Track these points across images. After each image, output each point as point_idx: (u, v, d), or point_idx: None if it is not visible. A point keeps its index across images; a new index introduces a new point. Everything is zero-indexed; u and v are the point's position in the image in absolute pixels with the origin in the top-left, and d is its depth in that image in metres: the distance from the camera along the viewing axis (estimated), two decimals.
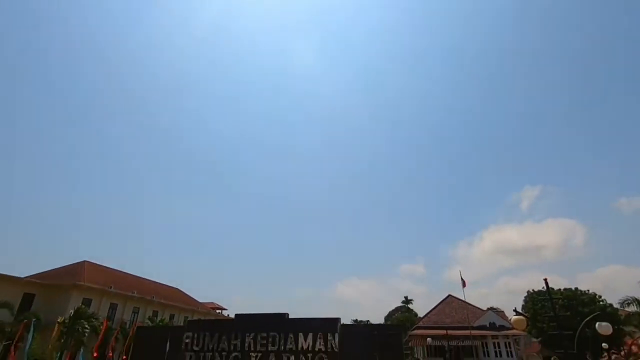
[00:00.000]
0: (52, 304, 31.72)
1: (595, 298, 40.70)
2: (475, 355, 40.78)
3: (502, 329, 42.90)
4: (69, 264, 39.55)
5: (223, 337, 6.75)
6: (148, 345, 7.23)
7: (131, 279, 44.82)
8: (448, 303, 49.15)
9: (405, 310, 75.95)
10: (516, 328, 8.34)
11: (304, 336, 6.48)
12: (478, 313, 46.22)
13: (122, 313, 38.49)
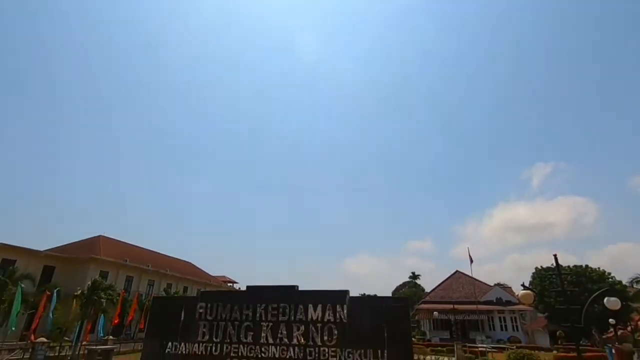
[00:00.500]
0: (71, 276, 33.08)
1: (604, 275, 40.68)
2: (481, 329, 41.52)
3: (509, 305, 43.44)
4: (85, 239, 40.86)
5: (235, 307, 6.95)
6: (164, 314, 7.49)
7: (145, 253, 46.19)
8: (455, 278, 49.71)
9: (412, 286, 77.24)
10: (523, 302, 8.44)
11: (313, 307, 6.63)
12: (485, 288, 46.75)
13: (137, 285, 39.96)
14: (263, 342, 6.56)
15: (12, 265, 29.02)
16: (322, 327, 6.41)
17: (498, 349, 28.12)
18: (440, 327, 43.53)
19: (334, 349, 6.23)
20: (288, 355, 6.36)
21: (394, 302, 6.53)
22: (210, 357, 6.66)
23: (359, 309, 6.42)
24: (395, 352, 5.99)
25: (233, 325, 6.81)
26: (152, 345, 7.22)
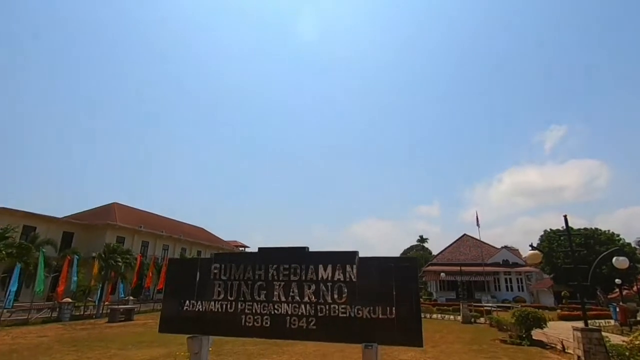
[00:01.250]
0: (89, 242, 34.41)
1: (614, 237, 40.76)
2: (487, 290, 42.60)
3: (515, 266, 44.19)
4: (99, 206, 41.99)
5: (248, 267, 7.16)
6: (180, 275, 7.77)
7: (159, 220, 47.47)
8: (463, 241, 50.36)
9: (420, 249, 78.70)
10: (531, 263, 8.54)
11: (323, 267, 6.80)
12: (492, 251, 47.39)
13: (153, 250, 41.46)
14: (275, 300, 6.83)
15: (33, 232, 30.23)
16: (332, 286, 6.62)
17: (503, 308, 28.96)
18: (446, 288, 44.74)
19: (343, 306, 6.47)
20: (300, 312, 6.64)
21: (402, 262, 6.64)
22: (226, 313, 6.99)
23: (368, 268, 6.58)
24: (403, 308, 6.19)
25: (246, 285, 7.07)
26: (170, 303, 7.58)
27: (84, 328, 16.26)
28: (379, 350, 6.21)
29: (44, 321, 18.29)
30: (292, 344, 11.64)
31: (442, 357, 10.81)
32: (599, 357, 6.96)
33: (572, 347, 7.79)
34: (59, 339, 12.94)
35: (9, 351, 10.61)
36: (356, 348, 7.89)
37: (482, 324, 20.71)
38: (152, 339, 12.92)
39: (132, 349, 11.04)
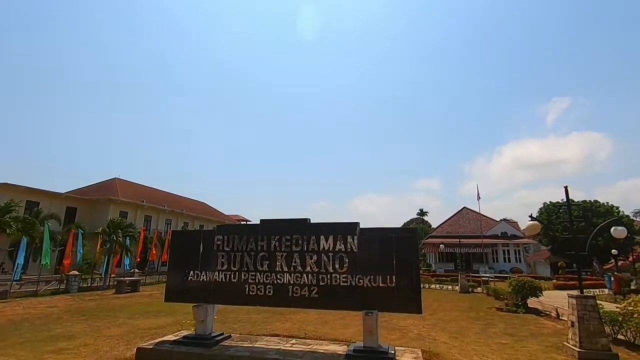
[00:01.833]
0: (92, 216, 34.79)
1: (612, 209, 41.06)
2: (485, 261, 43.41)
3: (514, 238, 44.82)
4: (101, 181, 42.14)
5: (251, 239, 7.25)
6: (183, 246, 7.89)
7: (160, 194, 47.74)
8: (462, 215, 50.83)
9: (420, 222, 79.61)
10: (530, 233, 8.63)
11: (325, 238, 6.88)
12: (491, 224, 47.92)
13: (156, 224, 41.98)
14: (278, 270, 6.97)
15: (36, 207, 30.51)
16: (334, 257, 6.74)
17: (500, 278, 29.61)
18: (445, 260, 45.61)
19: (345, 276, 6.61)
20: (302, 281, 6.79)
21: (403, 233, 6.72)
22: (230, 283, 7.16)
23: (369, 239, 6.68)
24: (403, 278, 6.33)
25: (249, 256, 7.20)
26: (175, 274, 7.75)
27: (92, 299, 16.72)
28: (378, 317, 6.41)
29: (53, 293, 18.79)
30: (294, 312, 12.00)
31: (440, 324, 11.16)
32: (593, 322, 7.15)
33: (567, 313, 8.01)
34: (68, 309, 13.34)
35: (21, 320, 10.97)
36: (357, 315, 8.15)
37: (479, 294, 21.25)
38: (158, 308, 13.31)
39: (139, 318, 11.39)
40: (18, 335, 8.77)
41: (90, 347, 7.46)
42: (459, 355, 7.19)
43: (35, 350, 7.24)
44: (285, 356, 6.22)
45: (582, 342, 7.15)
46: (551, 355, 7.33)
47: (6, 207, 17.43)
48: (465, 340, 8.87)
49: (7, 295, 16.40)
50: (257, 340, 7.51)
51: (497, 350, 7.75)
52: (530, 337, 9.30)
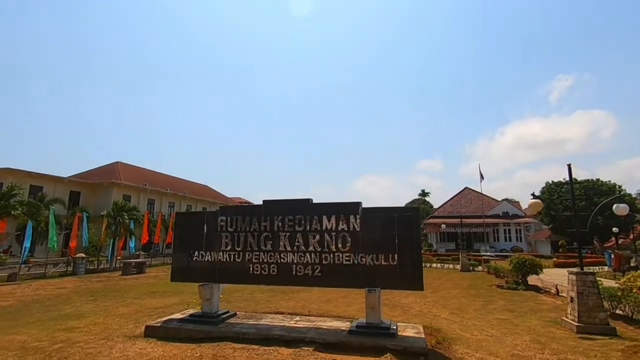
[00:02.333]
0: (96, 200, 35.07)
1: (615, 188, 41.00)
2: (485, 241, 43.76)
3: (515, 218, 45.02)
4: (103, 165, 42.22)
5: (254, 219, 7.31)
6: (187, 228, 7.96)
7: (163, 178, 47.87)
8: (464, 195, 50.90)
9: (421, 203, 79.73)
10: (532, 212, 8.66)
11: (327, 218, 6.93)
12: (493, 203, 48.04)
13: (159, 208, 42.27)
14: (281, 249, 7.06)
15: (40, 191, 30.70)
16: (336, 236, 6.81)
17: (501, 257, 29.93)
18: (446, 240, 46.01)
19: (347, 254, 6.69)
20: (305, 260, 6.89)
21: (405, 212, 6.75)
22: (234, 263, 7.27)
23: (371, 218, 6.72)
24: (405, 256, 6.41)
25: (253, 236, 7.29)
26: (180, 254, 7.87)
27: (99, 280, 17.05)
28: (381, 294, 6.53)
29: (61, 275, 19.14)
30: (297, 291, 12.22)
31: (441, 301, 11.36)
32: (592, 298, 7.27)
33: (566, 290, 8.13)
34: (77, 290, 13.63)
35: (31, 301, 11.23)
36: (359, 294, 8.31)
37: (480, 272, 21.54)
38: (164, 289, 13.57)
39: (146, 298, 11.64)
40: (29, 315, 9.00)
41: (100, 326, 7.65)
42: (459, 330, 7.36)
43: (47, 328, 7.44)
44: (290, 332, 6.37)
45: (581, 316, 7.29)
46: (550, 330, 7.49)
47: (10, 191, 17.54)
48: (465, 316, 9.05)
49: (16, 277, 16.73)
50: (262, 317, 7.69)
51: (496, 326, 7.91)
52: (530, 312, 9.47)
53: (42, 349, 5.95)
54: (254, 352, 5.53)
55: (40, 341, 6.44)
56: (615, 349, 6.15)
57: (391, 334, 6.05)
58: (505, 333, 7.22)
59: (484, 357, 5.60)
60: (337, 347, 5.77)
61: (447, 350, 5.89)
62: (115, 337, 6.64)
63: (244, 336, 6.27)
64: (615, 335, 6.98)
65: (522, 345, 6.30)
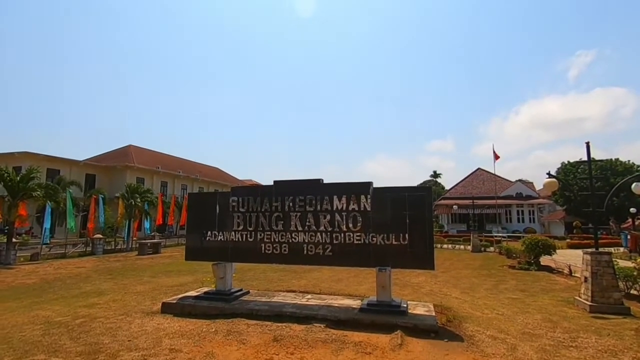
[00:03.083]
0: (111, 183, 35.82)
1: (633, 168, 39.91)
2: (498, 222, 43.39)
3: (529, 199, 44.38)
4: (116, 149, 42.86)
5: (265, 200, 7.36)
6: (200, 209, 8.07)
7: (175, 160, 48.43)
8: (477, 175, 50.22)
9: (432, 184, 79.14)
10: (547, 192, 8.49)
11: (338, 198, 6.93)
12: (506, 184, 47.34)
13: (172, 190, 42.99)
14: (293, 229, 7.12)
15: (57, 174, 31.45)
16: (347, 216, 6.82)
17: (513, 238, 29.70)
18: (458, 221, 45.78)
19: (358, 234, 6.71)
20: (316, 240, 6.94)
21: (416, 191, 6.69)
22: (246, 242, 7.38)
23: (382, 198, 6.69)
24: (416, 235, 6.39)
25: (264, 216, 7.35)
26: (194, 234, 8.02)
27: (117, 260, 17.59)
28: (391, 273, 6.57)
29: (80, 255, 19.81)
30: (309, 270, 12.41)
31: (452, 281, 11.41)
32: (606, 277, 7.18)
33: (580, 270, 8.04)
34: (96, 269, 14.11)
35: (53, 279, 11.69)
36: (370, 273, 8.39)
37: (491, 253, 21.46)
38: (179, 268, 13.94)
39: (162, 277, 11.99)
40: (52, 292, 9.38)
41: (119, 302, 7.94)
42: (470, 309, 7.40)
43: (69, 305, 7.75)
44: (302, 310, 6.50)
45: (594, 296, 7.23)
46: (562, 309, 7.46)
47: (28, 174, 18.00)
48: (476, 295, 9.08)
49: (38, 257, 17.39)
50: (274, 295, 7.84)
51: (507, 305, 7.92)
52: (542, 292, 9.45)
53: (65, 323, 6.21)
54: (267, 328, 5.67)
55: (63, 316, 6.73)
56: (628, 327, 6.11)
57: (402, 312, 6.12)
58: (516, 312, 7.23)
59: (495, 334, 5.63)
60: (349, 324, 5.87)
61: (458, 328, 5.94)
62: (134, 313, 6.88)
63: (257, 313, 6.42)
64: (629, 315, 6.93)
65: (533, 324, 6.31)
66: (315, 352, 4.74)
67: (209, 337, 5.32)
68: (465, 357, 4.68)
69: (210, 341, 5.16)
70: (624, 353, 4.90)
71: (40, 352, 4.82)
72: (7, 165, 21.12)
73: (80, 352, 4.77)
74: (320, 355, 4.64)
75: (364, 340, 5.16)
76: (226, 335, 5.40)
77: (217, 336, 5.37)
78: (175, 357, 4.59)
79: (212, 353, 4.70)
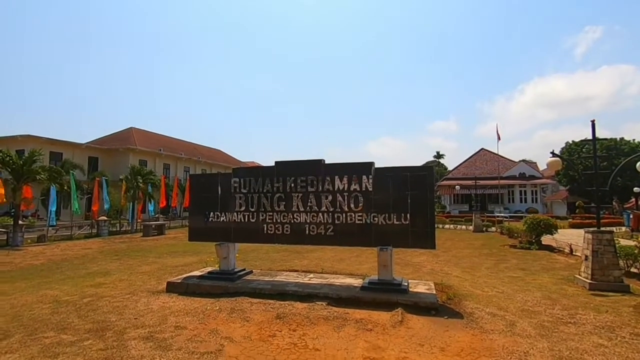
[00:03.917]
0: (113, 165, 35.91)
1: (638, 147, 39.49)
2: (500, 202, 43.41)
3: (532, 179, 44.22)
4: (118, 131, 42.76)
5: (267, 180, 7.37)
6: (202, 190, 8.11)
7: (177, 143, 48.37)
8: (480, 156, 49.92)
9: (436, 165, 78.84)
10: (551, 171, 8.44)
11: (339, 178, 6.92)
12: (510, 165, 47.09)
13: (175, 172, 43.11)
14: (294, 210, 7.15)
15: (60, 158, 31.55)
16: (349, 196, 6.82)
17: (515, 218, 29.78)
18: (460, 201, 45.86)
19: (360, 214, 6.74)
20: (318, 220, 6.98)
21: (418, 171, 6.66)
22: (248, 223, 7.43)
23: (383, 178, 6.67)
24: (417, 215, 6.40)
25: (266, 197, 7.37)
26: (197, 215, 8.08)
27: (122, 241, 17.84)
28: (393, 252, 6.62)
29: (86, 236, 20.09)
30: (311, 250, 12.54)
31: (453, 260, 11.51)
32: (607, 256, 7.21)
33: (581, 248, 8.08)
34: (102, 251, 14.33)
35: (60, 260, 11.90)
36: (371, 253, 8.45)
37: (493, 233, 21.58)
38: (184, 249, 14.13)
39: (167, 257, 12.17)
40: (60, 273, 9.56)
41: (125, 282, 8.09)
42: (470, 287, 7.49)
43: (77, 285, 7.91)
44: (304, 288, 6.60)
45: (594, 274, 7.28)
46: (562, 287, 7.54)
47: (31, 156, 18.05)
48: (477, 274, 9.18)
49: (45, 238, 17.65)
50: (277, 275, 7.96)
51: (508, 283, 8.01)
52: (542, 271, 9.53)
53: (73, 302, 6.36)
54: (270, 306, 5.78)
55: (71, 295, 6.88)
56: (627, 304, 6.18)
57: (402, 290, 6.20)
58: (516, 290, 7.31)
59: (494, 312, 5.71)
60: (350, 302, 5.97)
61: (458, 305, 6.03)
62: (140, 292, 7.02)
63: (260, 291, 6.53)
64: (629, 292, 7.00)
65: (532, 301, 6.39)
66: (317, 329, 4.84)
67: (213, 315, 5.43)
68: (465, 333, 4.77)
69: (214, 319, 5.28)
70: (622, 329, 4.97)
71: (49, 329, 4.95)
72: (8, 148, 21.19)
73: (89, 330, 4.90)
74: (322, 332, 4.74)
75: (365, 318, 5.26)
76: (230, 313, 5.51)
77: (221, 314, 5.48)
78: (181, 333, 4.70)
79: (216, 330, 4.81)
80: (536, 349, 4.26)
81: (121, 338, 4.57)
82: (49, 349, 4.26)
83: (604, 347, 4.32)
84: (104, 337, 4.63)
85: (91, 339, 4.57)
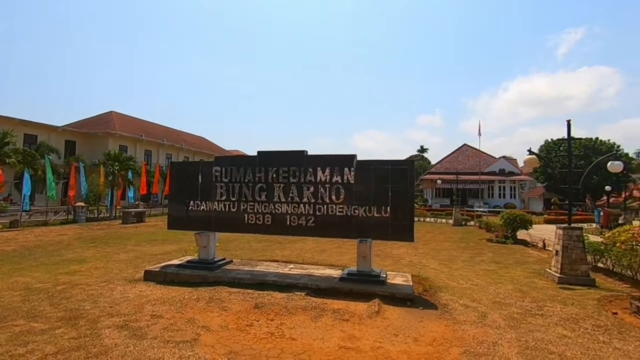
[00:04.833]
0: (92, 150, 34.82)
1: (613, 147, 40.97)
2: (480, 197, 44.43)
3: (511, 175, 45.39)
4: (97, 115, 41.39)
5: (248, 170, 7.32)
6: (183, 178, 7.99)
7: (159, 129, 47.25)
8: (462, 151, 50.80)
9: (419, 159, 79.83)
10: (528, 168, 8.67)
11: (322, 170, 6.94)
12: (491, 161, 48.12)
13: (157, 159, 42.21)
14: (276, 200, 7.13)
15: (34, 141, 30.36)
16: (330, 188, 6.85)
17: (494, 213, 30.55)
18: (442, 195, 46.68)
19: (341, 206, 6.78)
20: (299, 211, 6.99)
21: (399, 165, 6.73)
22: (229, 213, 7.37)
23: (365, 171, 6.72)
24: (397, 208, 6.49)
25: (247, 187, 7.32)
26: (176, 203, 7.95)
27: (99, 228, 17.44)
28: (372, 244, 6.71)
29: (62, 223, 19.53)
30: (293, 241, 12.59)
31: (432, 253, 11.77)
32: (576, 251, 7.52)
33: (553, 244, 8.39)
34: (78, 237, 13.98)
35: (34, 247, 11.55)
36: (353, 245, 8.53)
37: (471, 227, 22.12)
38: (164, 237, 13.94)
39: (146, 245, 11.99)
40: (33, 259, 9.29)
41: (101, 270, 7.94)
42: (446, 280, 7.69)
43: (50, 272, 7.71)
44: (284, 278, 6.64)
45: (563, 268, 7.59)
46: (532, 280, 7.83)
47: (2, 138, 17.31)
48: (453, 267, 9.42)
49: (18, 224, 17.06)
50: (257, 265, 7.97)
51: (482, 276, 8.26)
52: (515, 264, 9.86)
53: (45, 289, 6.21)
54: (249, 296, 5.79)
55: (44, 283, 6.71)
56: (591, 297, 6.47)
57: (380, 281, 6.32)
58: (489, 282, 7.55)
59: (467, 303, 5.90)
60: (328, 293, 6.05)
61: (433, 296, 6.19)
62: (116, 280, 6.91)
63: (240, 281, 6.53)
64: (594, 286, 7.33)
65: (504, 294, 6.62)
66: (295, 319, 4.89)
67: (191, 304, 5.41)
68: (438, 323, 4.91)
69: (192, 308, 5.26)
70: (585, 321, 5.21)
71: (19, 317, 4.83)
72: None
73: (61, 318, 4.80)
74: (299, 321, 4.79)
75: (342, 308, 5.34)
76: (208, 302, 5.50)
77: (198, 303, 5.47)
78: (157, 322, 4.67)
79: (193, 319, 4.80)
80: (504, 339, 4.43)
81: (95, 327, 4.51)
82: (18, 337, 4.16)
83: (568, 338, 4.53)
84: (77, 325, 4.55)
85: (63, 327, 4.49)
